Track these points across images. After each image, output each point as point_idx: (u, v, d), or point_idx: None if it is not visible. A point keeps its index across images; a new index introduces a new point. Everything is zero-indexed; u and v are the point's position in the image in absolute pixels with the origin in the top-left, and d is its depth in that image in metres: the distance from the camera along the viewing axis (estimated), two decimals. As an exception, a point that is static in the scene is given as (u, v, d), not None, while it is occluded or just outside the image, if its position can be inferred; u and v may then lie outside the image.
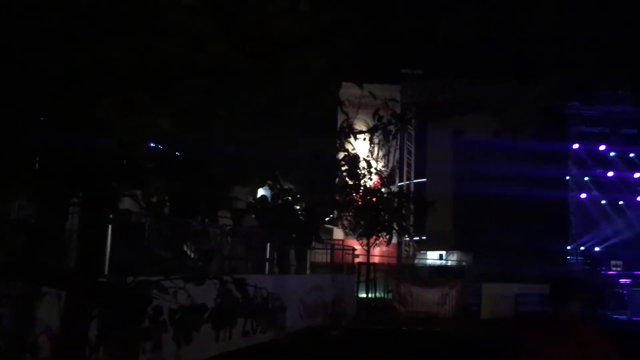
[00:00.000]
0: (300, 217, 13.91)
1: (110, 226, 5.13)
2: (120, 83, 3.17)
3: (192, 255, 4.46)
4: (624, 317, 20.61)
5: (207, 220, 10.01)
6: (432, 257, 28.74)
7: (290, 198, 4.57)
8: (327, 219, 23.85)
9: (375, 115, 3.82)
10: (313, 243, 15.92)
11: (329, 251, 17.72)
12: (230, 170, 4.31)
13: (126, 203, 3.81)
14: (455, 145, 28.13)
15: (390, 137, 3.75)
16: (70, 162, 3.06)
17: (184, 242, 4.58)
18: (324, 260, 17.56)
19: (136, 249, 4.48)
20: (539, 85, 21.06)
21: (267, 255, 12.78)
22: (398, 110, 3.85)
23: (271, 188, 4.13)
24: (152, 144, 3.89)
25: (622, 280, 23.66)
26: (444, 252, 28.68)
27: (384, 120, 3.73)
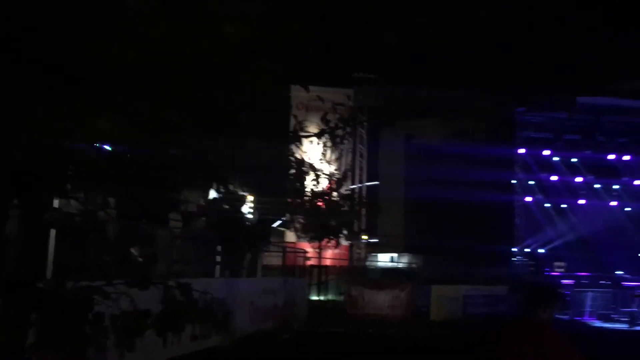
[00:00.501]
0: (248, 222, 13.82)
1: (53, 230, 5.00)
2: (63, 86, 3.10)
3: (139, 259, 4.38)
4: (567, 317, 21.34)
5: (156, 223, 9.85)
6: (384, 260, 29.03)
7: (236, 202, 4.55)
8: (279, 222, 23.86)
9: (323, 119, 3.86)
10: (264, 246, 15.87)
11: (280, 254, 17.69)
12: (179, 173, 4.26)
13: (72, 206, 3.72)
14: (407, 149, 28.54)
15: (338, 140, 3.80)
16: (6, 164, 2.97)
17: (130, 246, 4.49)
18: (276, 263, 17.53)
19: (79, 253, 4.37)
20: (488, 92, 21.61)
21: (218, 259, 12.65)
22: (346, 115, 3.90)
23: (218, 191, 4.11)
24: (98, 146, 3.81)
25: (565, 282, 24.47)
26: (395, 255, 29.01)
27: (331, 125, 3.77)
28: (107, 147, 3.87)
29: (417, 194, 25.97)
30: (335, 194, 22.02)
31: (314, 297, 19.85)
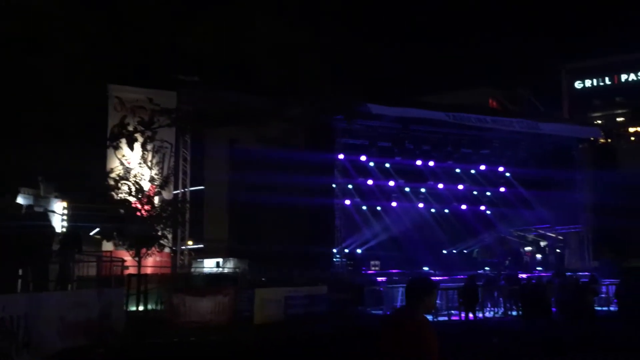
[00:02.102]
0: (55, 230, 12.84)
1: None
2: None
3: None
4: (381, 311, 22.82)
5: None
6: (210, 265, 28.62)
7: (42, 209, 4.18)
8: (95, 230, 22.41)
9: (121, 123, 3.69)
10: (76, 255, 14.83)
11: (95, 264, 16.60)
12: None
13: None
14: (231, 154, 28.47)
15: (136, 145, 3.64)
16: None
17: None
18: (90, 274, 16.40)
19: None
20: (305, 99, 22.33)
21: (20, 271, 11.51)
22: (147, 118, 3.74)
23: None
24: None
25: (380, 279, 26.15)
26: (221, 260, 28.75)
27: (130, 128, 3.61)
28: None
29: (241, 198, 26.04)
30: (156, 199, 21.30)
31: (133, 308, 18.93)
